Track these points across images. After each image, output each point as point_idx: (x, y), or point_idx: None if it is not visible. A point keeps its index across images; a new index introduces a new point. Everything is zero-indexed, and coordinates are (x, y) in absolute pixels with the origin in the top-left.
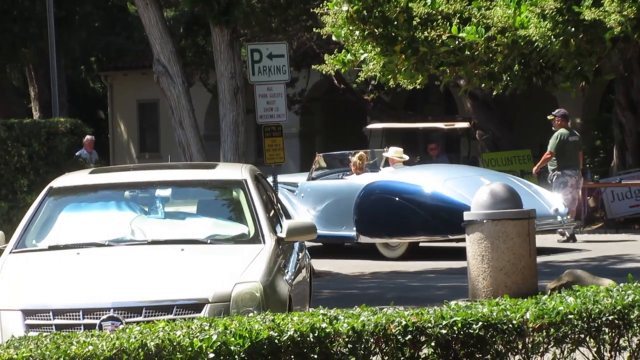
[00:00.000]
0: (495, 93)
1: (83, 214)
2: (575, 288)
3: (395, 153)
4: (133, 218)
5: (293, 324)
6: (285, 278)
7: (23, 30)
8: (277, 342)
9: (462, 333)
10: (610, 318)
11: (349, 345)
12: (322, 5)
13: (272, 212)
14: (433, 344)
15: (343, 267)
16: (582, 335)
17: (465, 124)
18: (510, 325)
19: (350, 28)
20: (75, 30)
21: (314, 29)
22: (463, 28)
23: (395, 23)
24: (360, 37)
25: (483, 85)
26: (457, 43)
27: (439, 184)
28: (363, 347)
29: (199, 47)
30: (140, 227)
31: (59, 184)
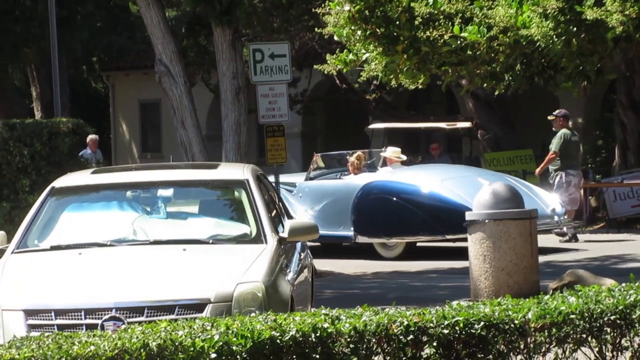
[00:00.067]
0: (497, 93)
1: (85, 214)
2: (577, 288)
3: (393, 153)
4: (135, 218)
5: (295, 324)
6: (287, 278)
7: (25, 30)
8: (279, 342)
9: (464, 333)
10: (612, 318)
11: (351, 345)
12: (324, 5)
13: (274, 212)
14: (435, 344)
15: (345, 267)
16: (584, 335)
17: (467, 124)
18: (512, 325)
19: (352, 28)
20: (77, 30)
21: (316, 29)
22: (465, 28)
23: (397, 23)
24: (362, 37)
25: (485, 85)
26: (459, 43)
27: (437, 184)
28: (365, 347)
29: (201, 47)
30: (142, 227)
31: (61, 184)
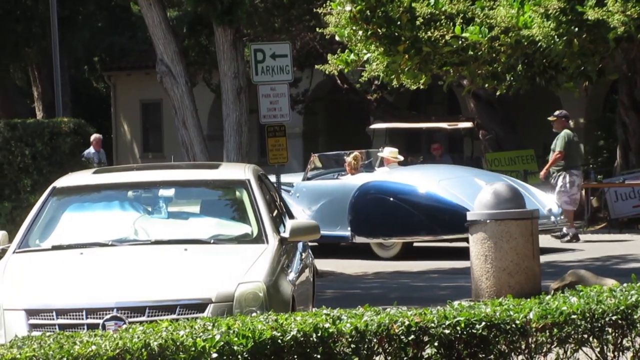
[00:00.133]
0: (499, 93)
1: (86, 214)
2: (579, 288)
3: (390, 153)
4: (136, 218)
5: (296, 324)
6: (289, 278)
7: (26, 30)
8: (280, 342)
9: (465, 333)
10: (614, 318)
11: (352, 345)
12: (325, 5)
13: (275, 212)
14: (436, 344)
15: (346, 267)
16: (585, 336)
17: (469, 124)
18: (514, 326)
19: (354, 28)
20: (79, 30)
21: (317, 29)
22: (466, 28)
23: (399, 23)
24: (364, 37)
25: (486, 85)
26: (460, 43)
27: (434, 184)
28: (366, 347)
29: (202, 47)
30: (144, 227)
31: (62, 184)
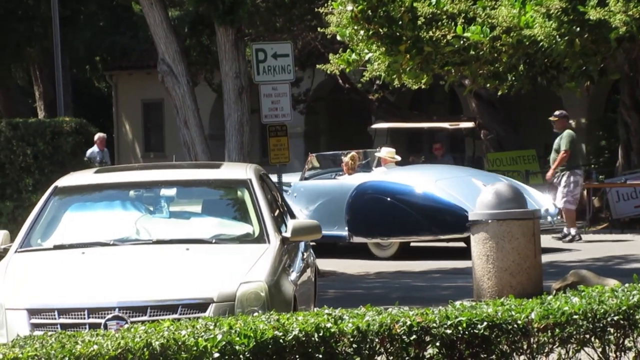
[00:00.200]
0: (500, 93)
1: (88, 214)
2: (581, 288)
3: (388, 153)
4: (138, 217)
5: (298, 324)
6: (290, 278)
7: (28, 30)
8: (282, 341)
9: (467, 333)
10: (616, 318)
11: (354, 345)
12: (326, 5)
13: (277, 211)
14: (438, 344)
15: (348, 267)
16: (587, 336)
17: (470, 124)
18: (515, 326)
19: (355, 28)
20: (80, 30)
21: (319, 29)
22: (468, 28)
23: (400, 23)
24: (365, 36)
25: (488, 85)
26: (462, 43)
27: (431, 185)
28: (368, 347)
29: (204, 46)
30: (145, 226)
31: (64, 184)
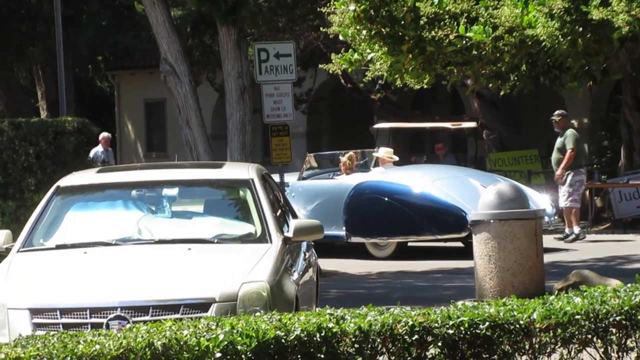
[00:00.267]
0: (503, 93)
1: (90, 213)
2: (583, 288)
3: (386, 153)
4: (140, 217)
5: (300, 324)
6: (292, 278)
7: (30, 29)
8: (283, 341)
9: (469, 333)
10: (618, 319)
11: (356, 345)
12: (329, 5)
13: (279, 211)
14: (440, 344)
15: (350, 266)
16: (589, 336)
17: (473, 124)
18: (517, 326)
19: (358, 27)
20: (83, 29)
21: (321, 29)
22: (470, 28)
23: (403, 23)
24: (367, 36)
25: (490, 85)
26: (464, 43)
27: (428, 185)
28: (370, 347)
29: (206, 46)
30: (147, 226)
31: (66, 183)
